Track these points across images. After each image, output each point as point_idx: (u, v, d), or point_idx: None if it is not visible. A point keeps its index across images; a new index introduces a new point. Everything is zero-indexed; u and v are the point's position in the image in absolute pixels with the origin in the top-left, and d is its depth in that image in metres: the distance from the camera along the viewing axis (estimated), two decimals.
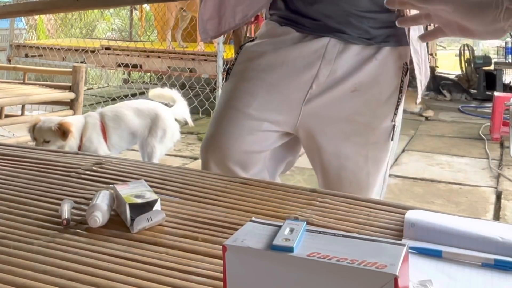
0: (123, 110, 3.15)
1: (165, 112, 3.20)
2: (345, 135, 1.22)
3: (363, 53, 1.19)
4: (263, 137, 1.25)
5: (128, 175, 1.04)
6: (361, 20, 1.18)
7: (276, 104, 1.22)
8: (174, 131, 3.23)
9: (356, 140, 1.22)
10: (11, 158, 1.14)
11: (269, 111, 1.22)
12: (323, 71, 1.19)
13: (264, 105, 1.22)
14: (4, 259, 0.70)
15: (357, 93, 1.20)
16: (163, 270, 0.68)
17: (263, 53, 1.24)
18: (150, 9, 7.04)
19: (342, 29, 1.18)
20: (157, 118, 3.14)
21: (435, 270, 0.68)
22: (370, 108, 1.21)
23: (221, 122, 1.25)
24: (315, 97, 1.21)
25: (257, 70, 1.23)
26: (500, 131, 4.33)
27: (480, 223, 0.81)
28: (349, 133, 1.22)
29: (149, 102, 3.32)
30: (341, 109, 1.21)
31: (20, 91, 3.49)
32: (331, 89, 1.20)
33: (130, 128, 3.12)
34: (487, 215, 2.93)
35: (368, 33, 1.18)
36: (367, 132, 1.22)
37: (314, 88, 1.20)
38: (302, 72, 1.20)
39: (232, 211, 0.88)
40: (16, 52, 5.72)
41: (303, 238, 0.54)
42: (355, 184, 1.23)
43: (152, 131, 3.13)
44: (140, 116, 3.14)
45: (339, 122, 1.22)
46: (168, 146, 3.24)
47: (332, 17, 1.18)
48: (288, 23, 1.23)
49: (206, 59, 4.89)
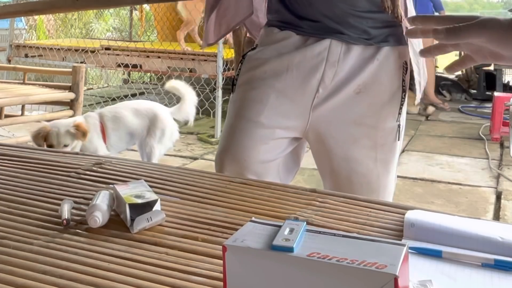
0: (122, 110, 3.15)
1: (164, 112, 3.20)
2: (354, 138, 1.23)
3: (364, 54, 1.19)
4: (276, 145, 1.25)
5: (128, 175, 1.04)
6: (360, 20, 1.18)
7: (285, 110, 1.22)
8: (173, 131, 3.23)
9: (365, 143, 1.23)
10: (11, 158, 1.14)
11: (279, 117, 1.23)
12: (328, 73, 1.19)
13: (274, 112, 1.23)
14: (4, 259, 0.70)
15: (362, 95, 1.20)
16: (163, 270, 0.68)
17: (267, 60, 1.24)
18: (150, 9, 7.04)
19: (341, 30, 1.18)
20: (155, 118, 3.14)
21: (435, 270, 0.68)
22: (375, 110, 1.22)
23: (235, 134, 1.25)
24: (323, 101, 1.21)
25: (263, 78, 1.23)
26: (500, 131, 4.33)
27: (480, 223, 0.81)
28: (357, 137, 1.23)
29: (147, 102, 3.32)
30: (348, 112, 1.21)
31: (20, 91, 3.49)
32: (337, 92, 1.20)
33: (129, 128, 3.12)
34: (487, 215, 2.93)
35: (368, 33, 1.19)
36: (374, 134, 1.23)
37: (321, 91, 1.20)
38: (308, 76, 1.20)
39: (232, 211, 0.88)
40: (16, 52, 5.71)
41: (303, 238, 0.54)
42: (366, 187, 1.24)
43: (151, 131, 3.13)
44: (139, 116, 3.14)
45: (347, 125, 1.22)
46: (167, 146, 3.24)
47: (331, 18, 1.18)
48: (288, 27, 1.23)
49: (206, 59, 4.89)
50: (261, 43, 1.29)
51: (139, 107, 3.19)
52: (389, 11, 1.14)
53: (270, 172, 1.26)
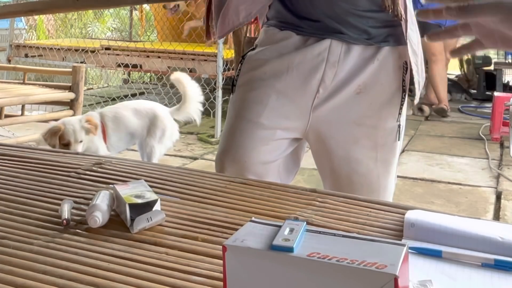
0: (122, 110, 3.15)
1: (164, 112, 3.19)
2: (355, 139, 1.23)
3: (364, 54, 1.19)
4: (277, 145, 1.25)
5: (128, 175, 1.04)
6: (360, 19, 1.18)
7: (286, 110, 1.22)
8: (173, 131, 3.23)
9: (366, 143, 1.23)
10: (11, 158, 1.14)
11: (280, 118, 1.23)
12: (328, 74, 1.19)
13: (275, 113, 1.22)
14: (4, 259, 0.70)
15: (362, 95, 1.20)
16: (163, 270, 0.68)
17: (267, 61, 1.23)
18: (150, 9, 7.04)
19: (341, 30, 1.18)
20: (155, 118, 3.13)
21: (435, 270, 0.68)
22: (375, 110, 1.22)
23: (235, 135, 1.25)
24: (323, 101, 1.21)
25: (263, 79, 1.23)
26: (500, 131, 4.32)
27: (480, 223, 0.81)
28: (358, 137, 1.23)
29: (148, 102, 3.32)
30: (349, 112, 1.21)
31: (20, 91, 3.49)
32: (337, 92, 1.20)
33: (129, 128, 3.12)
34: (487, 215, 2.93)
35: (368, 33, 1.19)
36: (375, 134, 1.23)
37: (321, 92, 1.20)
38: (308, 77, 1.20)
39: (232, 211, 0.88)
40: (16, 52, 5.71)
41: (303, 238, 0.54)
42: (366, 187, 1.24)
43: (151, 131, 3.13)
44: (139, 116, 3.13)
45: (347, 126, 1.22)
46: (167, 146, 3.23)
47: (331, 17, 1.18)
48: (288, 27, 1.23)
49: (206, 59, 4.89)
50: (260, 44, 1.28)
51: (139, 107, 3.19)
52: (389, 10, 1.14)
53: (270, 173, 1.26)
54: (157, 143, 3.13)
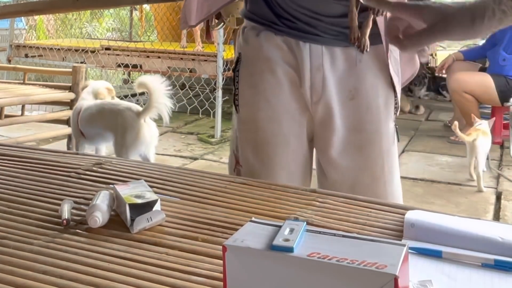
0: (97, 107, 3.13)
1: (127, 112, 3.06)
2: (357, 147, 1.20)
3: (346, 56, 1.17)
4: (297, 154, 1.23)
5: (128, 175, 1.04)
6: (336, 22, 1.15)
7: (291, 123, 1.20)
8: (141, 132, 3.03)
9: (369, 151, 1.20)
10: (11, 158, 1.14)
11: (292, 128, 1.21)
12: (316, 78, 1.16)
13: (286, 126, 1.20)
14: (4, 259, 0.70)
15: (356, 101, 1.18)
16: (163, 270, 0.68)
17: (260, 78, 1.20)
18: (150, 9, 7.04)
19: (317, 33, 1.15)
20: (120, 118, 3.04)
21: (435, 270, 0.68)
22: (374, 114, 1.19)
23: (263, 161, 1.22)
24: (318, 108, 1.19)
25: (264, 97, 1.21)
26: (502, 134, 4.25)
27: (480, 223, 0.81)
28: (360, 144, 1.19)
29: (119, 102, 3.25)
30: (347, 119, 1.19)
31: (20, 91, 3.50)
32: (330, 99, 1.17)
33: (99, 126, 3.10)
34: (487, 215, 2.93)
35: (344, 35, 1.16)
36: (378, 139, 1.19)
37: (314, 99, 1.18)
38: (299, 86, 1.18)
39: (232, 211, 0.88)
40: (16, 52, 5.71)
41: (303, 238, 0.54)
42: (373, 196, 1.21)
43: (117, 131, 3.03)
44: (106, 115, 3.08)
45: (348, 133, 1.19)
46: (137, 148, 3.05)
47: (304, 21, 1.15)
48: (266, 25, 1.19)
49: (206, 59, 4.89)
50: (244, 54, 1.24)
51: (107, 106, 3.13)
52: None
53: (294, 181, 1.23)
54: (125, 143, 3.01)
